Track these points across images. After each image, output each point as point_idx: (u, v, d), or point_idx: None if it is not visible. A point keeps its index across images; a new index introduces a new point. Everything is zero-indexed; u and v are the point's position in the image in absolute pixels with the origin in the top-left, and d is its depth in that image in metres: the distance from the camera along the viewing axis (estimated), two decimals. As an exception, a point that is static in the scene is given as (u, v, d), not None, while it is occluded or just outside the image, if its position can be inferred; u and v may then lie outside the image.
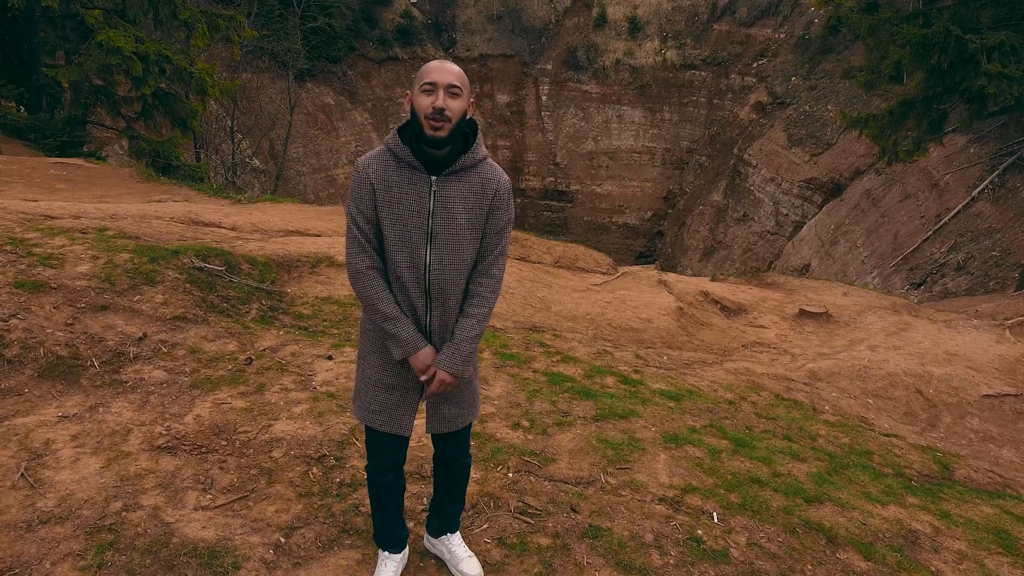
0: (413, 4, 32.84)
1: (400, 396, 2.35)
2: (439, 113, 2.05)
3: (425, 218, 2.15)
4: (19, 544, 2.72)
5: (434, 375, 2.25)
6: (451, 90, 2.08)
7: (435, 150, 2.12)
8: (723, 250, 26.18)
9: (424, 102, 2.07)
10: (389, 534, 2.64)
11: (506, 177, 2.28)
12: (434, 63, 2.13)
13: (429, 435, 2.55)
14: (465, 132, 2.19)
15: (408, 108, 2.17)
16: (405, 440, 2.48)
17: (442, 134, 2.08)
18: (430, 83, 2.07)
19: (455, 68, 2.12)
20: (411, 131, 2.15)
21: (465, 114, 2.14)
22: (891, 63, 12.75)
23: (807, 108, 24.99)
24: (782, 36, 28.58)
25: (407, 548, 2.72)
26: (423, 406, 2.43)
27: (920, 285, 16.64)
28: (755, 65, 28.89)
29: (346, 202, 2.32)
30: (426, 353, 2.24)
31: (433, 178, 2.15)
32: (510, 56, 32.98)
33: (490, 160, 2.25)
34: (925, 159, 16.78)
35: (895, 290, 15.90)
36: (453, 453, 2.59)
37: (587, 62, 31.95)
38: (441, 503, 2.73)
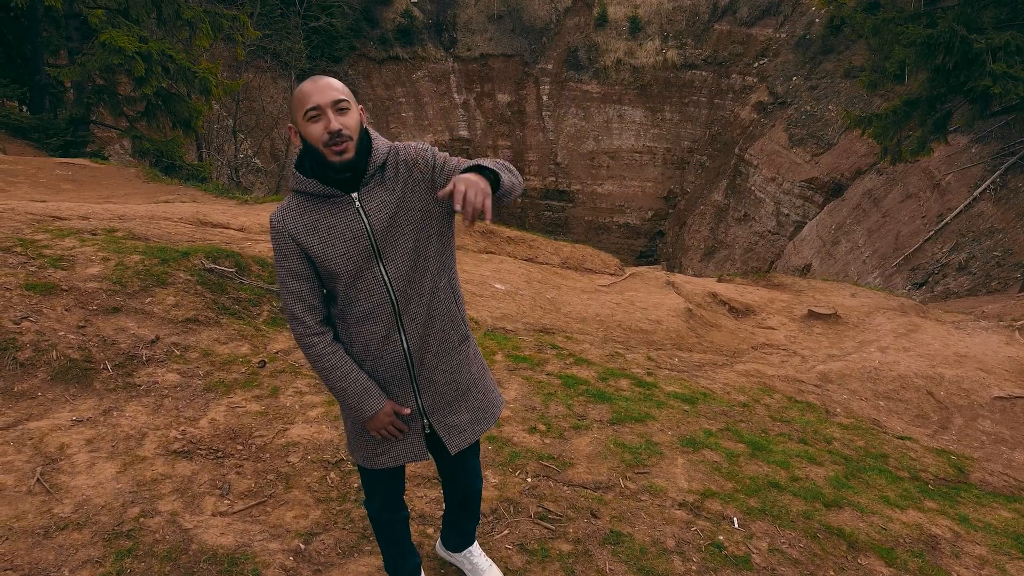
0: (414, 4, 32.78)
1: (406, 423, 2.16)
2: (338, 135, 1.85)
3: (366, 239, 1.95)
4: (37, 551, 2.69)
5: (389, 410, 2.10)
6: (338, 106, 1.86)
7: (346, 173, 1.93)
8: (724, 250, 26.16)
9: (315, 130, 1.86)
10: (400, 565, 2.51)
11: (414, 144, 2.05)
12: (307, 85, 1.88)
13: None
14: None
15: (297, 141, 1.94)
16: (403, 471, 2.35)
17: (349, 156, 1.89)
18: (314, 107, 1.84)
19: (334, 82, 1.89)
20: (311, 163, 1.94)
21: (361, 125, 1.94)
22: (895, 63, 12.76)
23: (808, 108, 24.97)
24: (783, 36, 28.55)
25: (423, 575, 2.60)
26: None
27: (922, 285, 16.64)
28: (756, 65, 28.86)
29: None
30: (386, 411, 2.10)
31: (354, 195, 1.96)
32: (511, 56, 32.93)
33: (394, 144, 2.05)
34: (927, 159, 16.79)
35: (896, 290, 15.89)
36: (465, 479, 2.45)
37: (588, 62, 31.90)
38: (457, 522, 2.64)
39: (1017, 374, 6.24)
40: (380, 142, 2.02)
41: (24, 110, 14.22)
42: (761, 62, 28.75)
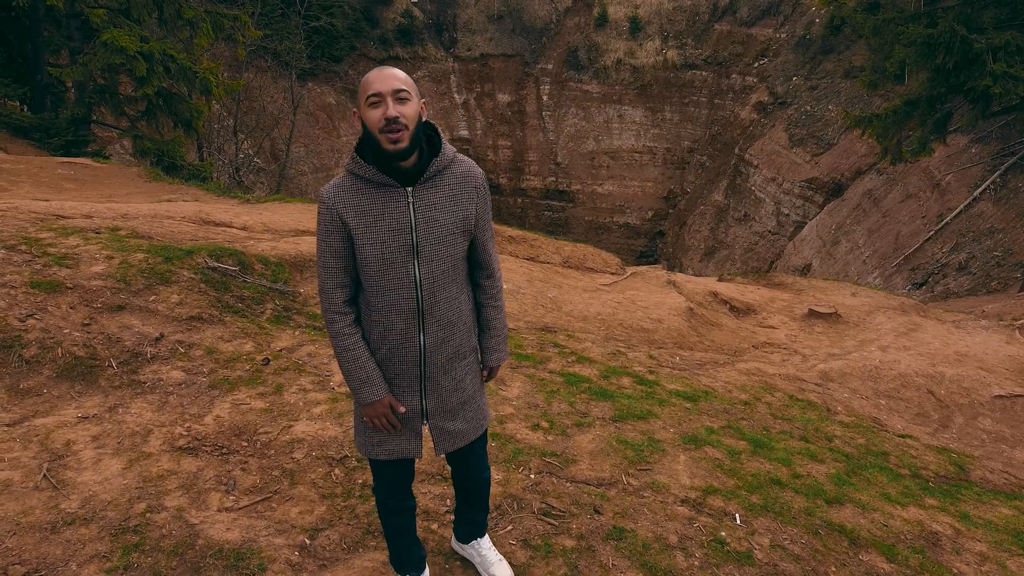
0: (414, 4, 32.79)
1: (403, 420, 2.25)
2: (394, 122, 1.92)
3: (408, 234, 2.02)
4: (44, 545, 2.71)
5: (392, 409, 2.19)
6: (399, 95, 1.93)
7: (403, 162, 2.00)
8: (724, 250, 26.19)
9: (374, 116, 1.93)
10: (405, 557, 2.55)
11: (479, 168, 2.17)
12: (374, 72, 1.96)
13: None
14: (428, 135, 2.08)
15: (359, 126, 2.02)
16: (411, 461, 2.41)
17: (403, 144, 1.95)
18: (375, 94, 1.93)
19: (398, 72, 1.97)
20: (371, 148, 2.01)
21: (420, 117, 2.00)
22: (895, 63, 12.78)
23: (808, 108, 24.99)
24: (783, 36, 28.58)
25: (427, 569, 2.64)
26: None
27: (922, 285, 16.65)
28: (756, 65, 28.88)
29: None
30: (384, 403, 2.17)
31: (409, 190, 2.03)
32: (511, 56, 32.94)
33: (458, 155, 2.14)
34: (927, 159, 16.82)
35: (897, 290, 15.91)
36: (470, 470, 2.52)
37: (588, 62, 31.92)
38: (465, 512, 2.69)
39: (1017, 373, 6.27)
40: (447, 147, 2.09)
41: (25, 110, 14.22)
42: (761, 62, 28.77)
